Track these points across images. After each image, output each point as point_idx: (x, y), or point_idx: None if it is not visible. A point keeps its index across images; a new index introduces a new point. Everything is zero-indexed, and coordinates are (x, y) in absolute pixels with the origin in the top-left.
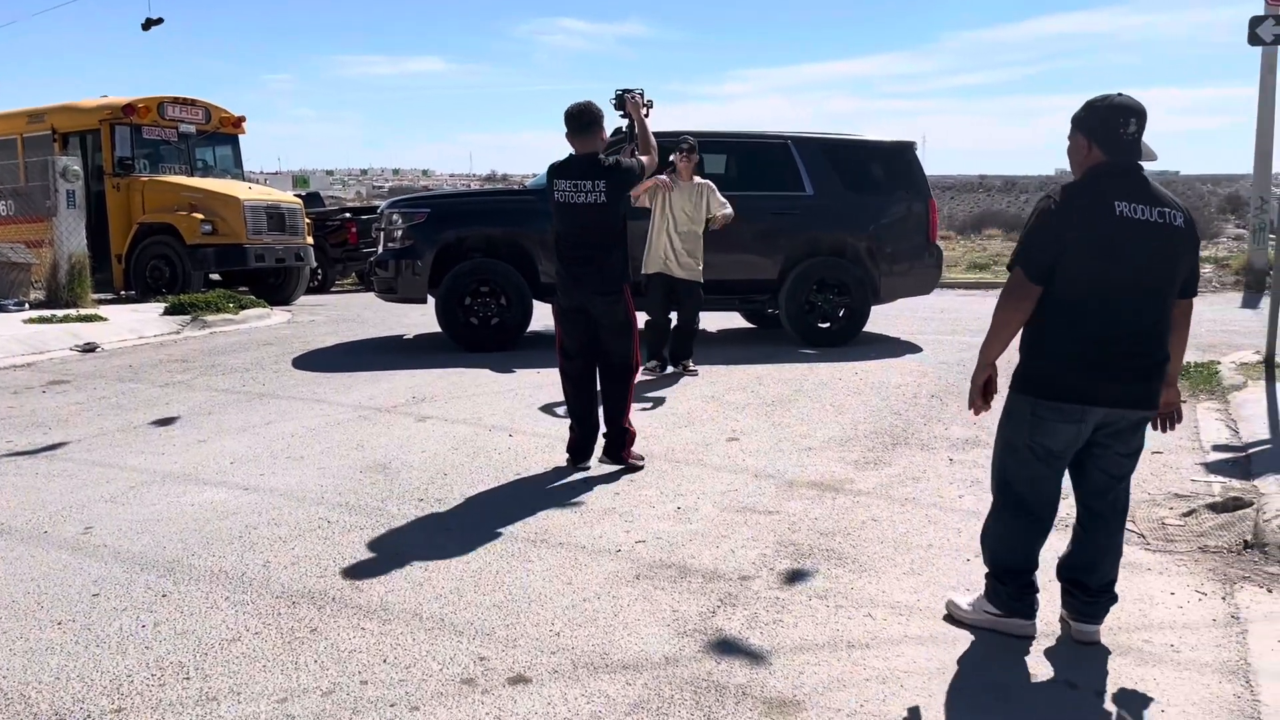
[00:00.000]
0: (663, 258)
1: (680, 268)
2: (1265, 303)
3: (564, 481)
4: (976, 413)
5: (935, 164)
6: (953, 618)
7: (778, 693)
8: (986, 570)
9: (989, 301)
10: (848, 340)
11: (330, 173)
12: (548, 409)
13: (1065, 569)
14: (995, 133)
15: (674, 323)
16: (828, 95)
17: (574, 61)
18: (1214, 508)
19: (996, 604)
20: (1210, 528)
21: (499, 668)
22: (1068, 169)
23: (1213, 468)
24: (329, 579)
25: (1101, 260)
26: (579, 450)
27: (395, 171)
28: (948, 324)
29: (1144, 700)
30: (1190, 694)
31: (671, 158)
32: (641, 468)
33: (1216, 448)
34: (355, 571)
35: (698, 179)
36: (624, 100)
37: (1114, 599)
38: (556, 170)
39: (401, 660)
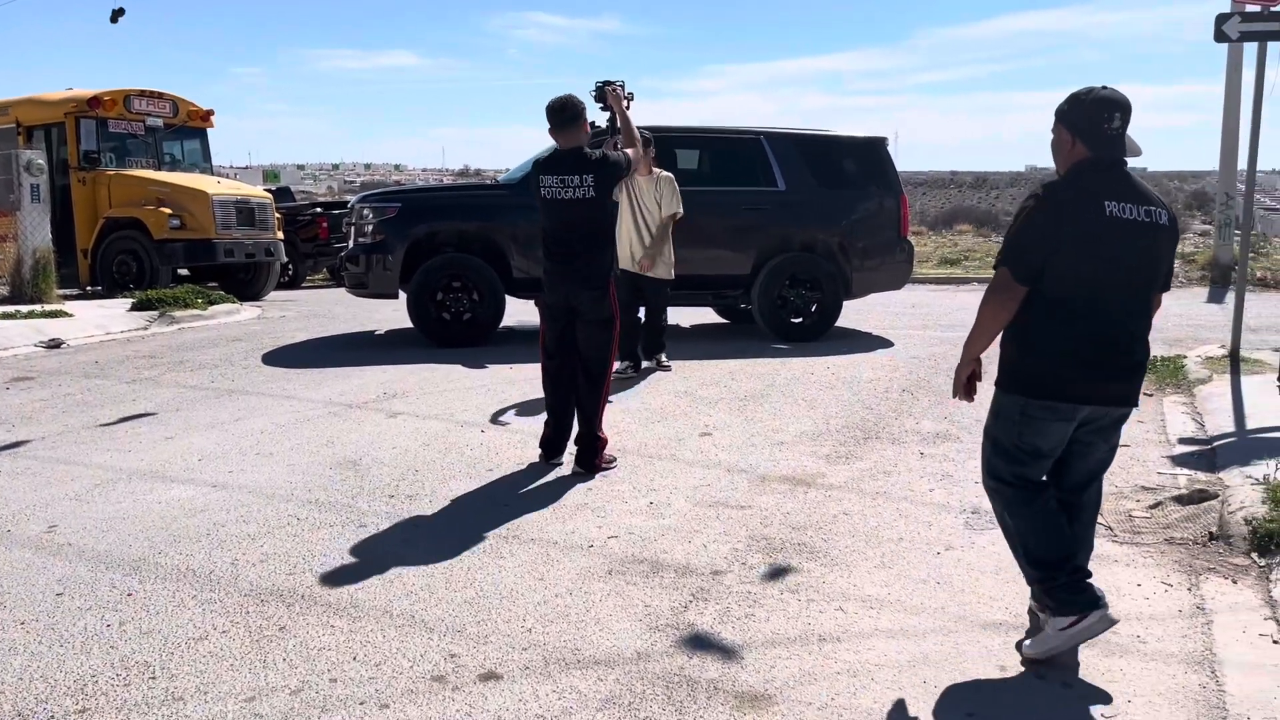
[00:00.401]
0: (630, 255)
1: (633, 264)
2: (1230, 298)
3: (536, 477)
4: (956, 396)
5: (907, 160)
6: (1032, 659)
7: (749, 687)
8: (1033, 577)
9: (960, 296)
10: (820, 335)
11: (302, 167)
12: (517, 408)
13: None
14: (967, 129)
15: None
16: (801, 91)
17: (547, 56)
18: (1180, 500)
19: (1066, 610)
20: (1176, 520)
21: (470, 665)
22: (1038, 165)
23: (1179, 461)
24: (298, 576)
25: (1092, 260)
26: (552, 445)
27: (367, 166)
28: (919, 319)
29: (1112, 690)
30: (1156, 685)
31: None
32: (614, 467)
33: (1182, 441)
34: (325, 569)
35: (658, 171)
36: (604, 93)
37: None
38: (542, 166)
39: (371, 658)
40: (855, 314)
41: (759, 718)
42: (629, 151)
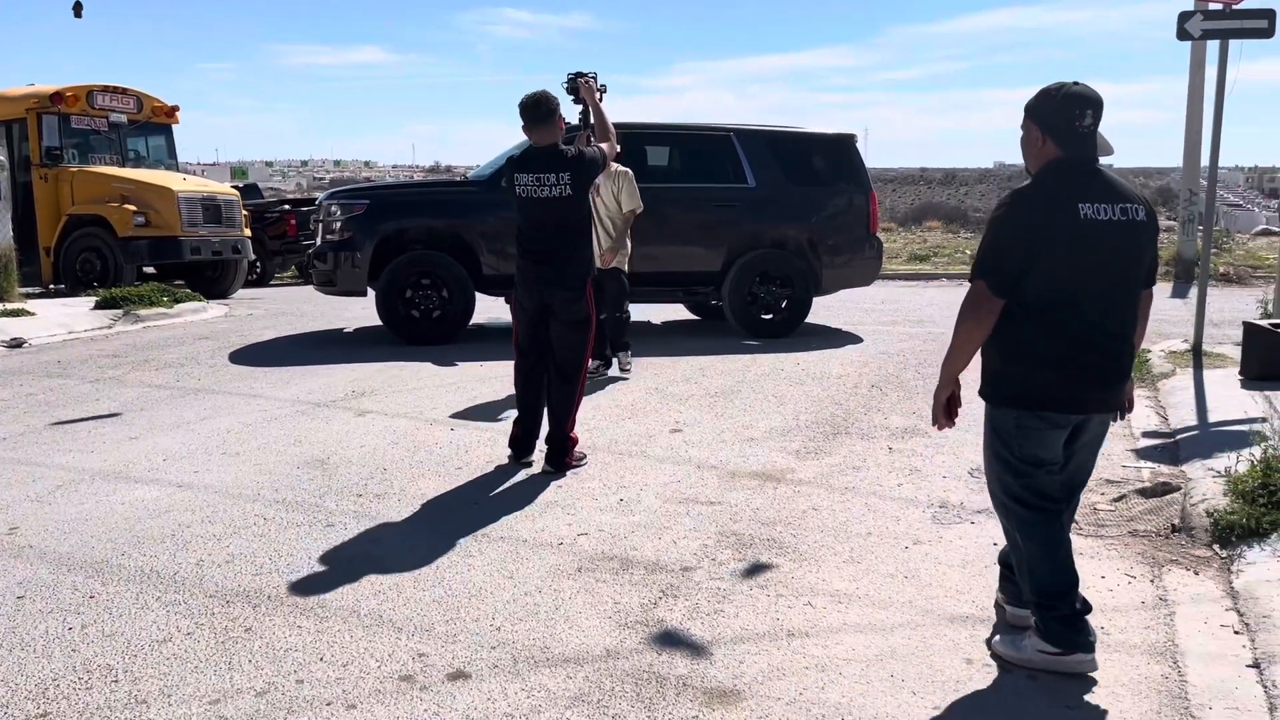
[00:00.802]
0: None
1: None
2: (1194, 293)
3: (506, 476)
4: (940, 429)
5: (877, 157)
6: (1001, 657)
7: (718, 683)
8: (1034, 603)
9: (929, 292)
10: (790, 331)
11: (270, 164)
12: (487, 406)
13: (1010, 555)
14: (936, 126)
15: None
16: (772, 88)
17: (518, 52)
18: (1143, 493)
19: (1055, 641)
20: (1140, 512)
21: (438, 664)
22: (1007, 161)
23: (1142, 454)
24: (264, 577)
25: (1070, 267)
26: (521, 445)
27: (337, 163)
28: (888, 315)
29: (1075, 682)
30: (1119, 675)
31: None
32: (585, 464)
33: (1146, 434)
34: (292, 569)
35: (616, 166)
36: (576, 85)
37: None
38: (517, 164)
39: (339, 658)
40: (826, 310)
41: (727, 714)
42: (603, 146)
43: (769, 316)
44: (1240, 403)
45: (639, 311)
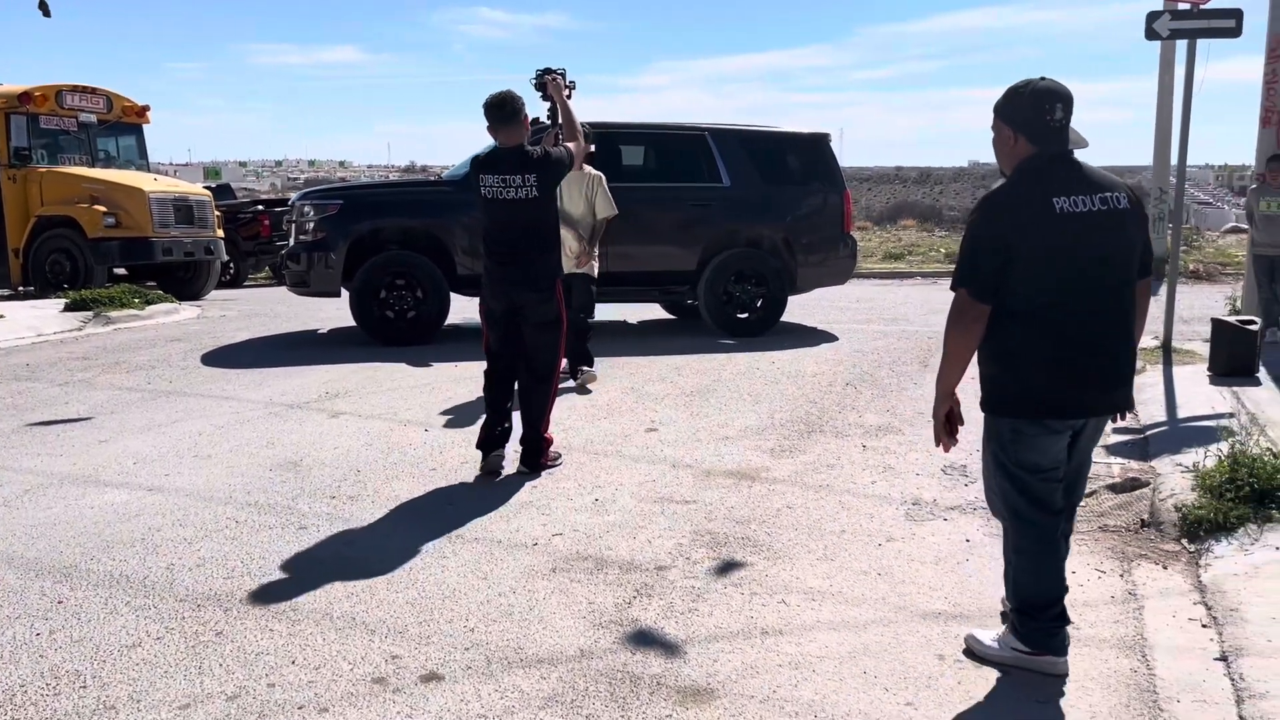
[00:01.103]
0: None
1: (571, 262)
2: (1163, 290)
3: (480, 476)
4: (946, 449)
5: (853, 156)
6: (974, 654)
7: (692, 682)
8: (1012, 607)
9: (904, 291)
10: (766, 330)
11: (243, 164)
12: (462, 407)
13: None
14: (911, 125)
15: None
16: (747, 87)
17: (492, 52)
18: (1113, 488)
19: (1027, 642)
20: (1109, 507)
21: (411, 666)
22: (981, 160)
23: (1112, 449)
24: (236, 580)
25: (1051, 265)
26: (490, 444)
27: (311, 163)
28: (863, 313)
29: (1045, 677)
30: (1089, 669)
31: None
32: (560, 464)
33: (1116, 430)
34: (264, 572)
35: (589, 169)
36: (544, 82)
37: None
38: (482, 164)
39: (311, 661)
40: (801, 309)
41: (701, 712)
42: (570, 146)
43: (744, 315)
44: (1208, 399)
45: (616, 311)
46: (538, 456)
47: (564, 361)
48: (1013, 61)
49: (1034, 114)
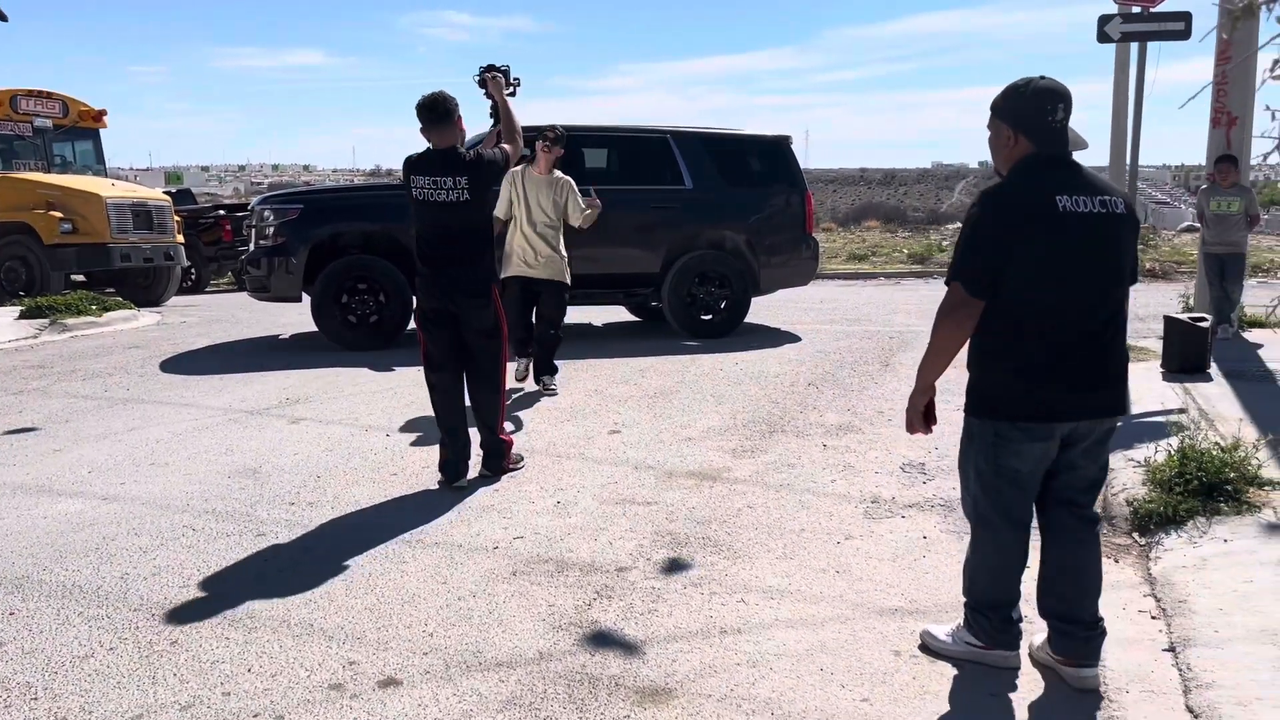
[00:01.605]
0: (520, 259)
1: (541, 267)
2: None
3: (443, 480)
4: (912, 432)
5: (819, 158)
6: (929, 649)
7: (650, 682)
8: (966, 601)
9: (867, 291)
10: (730, 331)
11: (206, 169)
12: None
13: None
14: (876, 127)
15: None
16: (712, 90)
17: (458, 55)
18: None
19: (979, 636)
20: None
21: (369, 671)
22: (945, 161)
23: None
24: (192, 589)
25: (1052, 263)
26: (453, 469)
27: (275, 167)
28: (826, 314)
29: (998, 669)
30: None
31: (536, 144)
32: (522, 467)
33: None
34: (220, 580)
35: (557, 173)
36: (484, 79)
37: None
38: (413, 165)
39: (267, 669)
40: (765, 310)
41: (659, 712)
42: (507, 148)
43: (709, 317)
44: (1160, 395)
45: (582, 313)
46: (500, 460)
47: (518, 367)
48: (976, 64)
49: (1035, 113)
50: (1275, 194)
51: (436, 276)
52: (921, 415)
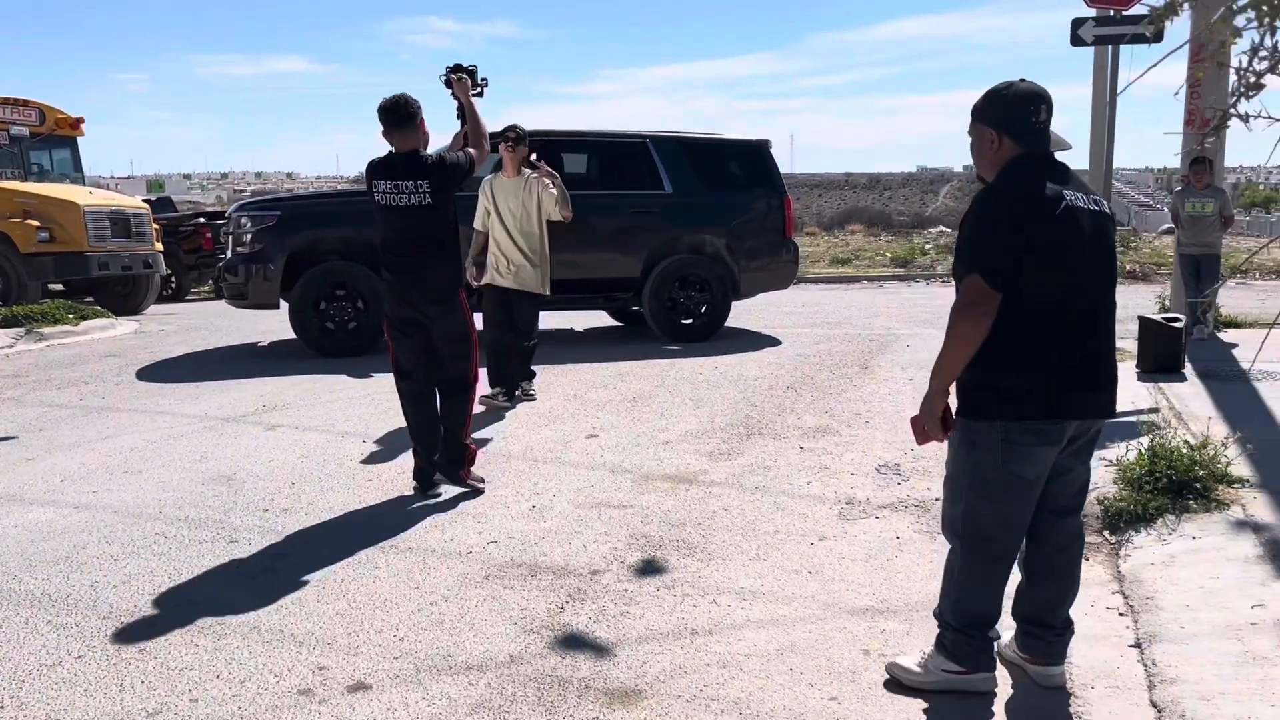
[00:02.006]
0: (493, 267)
1: (512, 276)
2: None
3: (417, 487)
4: (921, 443)
5: (803, 162)
6: (900, 683)
7: (620, 683)
8: (947, 624)
9: (849, 295)
10: (710, 335)
11: (188, 177)
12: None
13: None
14: (860, 131)
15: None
16: (696, 95)
17: (442, 61)
18: None
19: (960, 660)
20: None
21: (339, 676)
22: (929, 165)
23: None
24: (162, 596)
25: (1063, 259)
26: (426, 476)
27: (258, 174)
28: (807, 318)
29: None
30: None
31: (500, 147)
32: (482, 492)
33: None
34: (191, 587)
35: (526, 172)
36: (450, 79)
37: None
38: (374, 170)
39: (236, 675)
40: (746, 313)
41: (628, 713)
42: (471, 151)
43: (689, 321)
44: (1133, 394)
45: (563, 318)
46: (458, 467)
47: (497, 397)
48: (959, 69)
49: (1018, 115)
50: (1256, 196)
51: (400, 283)
52: (939, 421)
